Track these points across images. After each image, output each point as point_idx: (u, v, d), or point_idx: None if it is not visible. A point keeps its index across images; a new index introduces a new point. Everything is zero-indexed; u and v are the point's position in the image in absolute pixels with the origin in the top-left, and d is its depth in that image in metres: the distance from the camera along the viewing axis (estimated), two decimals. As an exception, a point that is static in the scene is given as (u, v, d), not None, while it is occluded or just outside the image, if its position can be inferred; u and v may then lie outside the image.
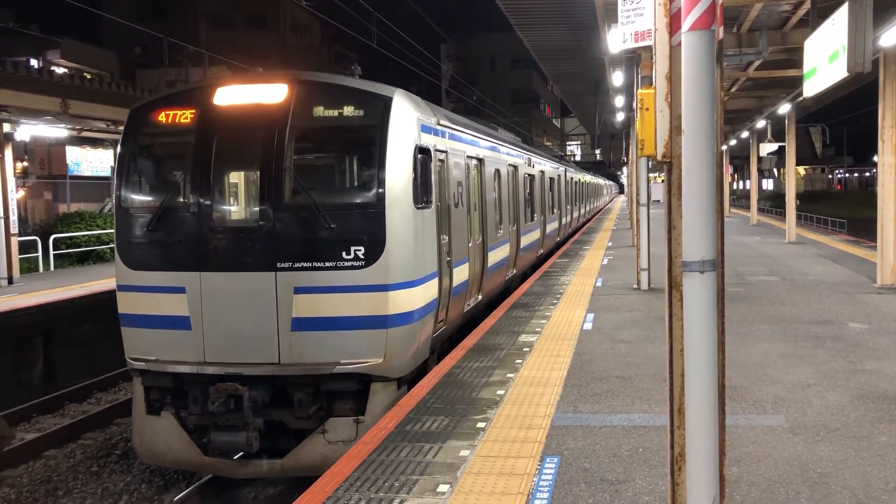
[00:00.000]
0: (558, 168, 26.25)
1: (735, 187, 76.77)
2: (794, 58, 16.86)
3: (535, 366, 8.81)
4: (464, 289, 10.59)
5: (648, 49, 12.47)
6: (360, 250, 7.63)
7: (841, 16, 9.47)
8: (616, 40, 11.45)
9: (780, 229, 29.91)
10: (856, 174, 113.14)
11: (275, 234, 7.77)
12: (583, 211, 38.30)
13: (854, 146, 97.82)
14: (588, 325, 11.21)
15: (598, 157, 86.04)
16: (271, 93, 8.07)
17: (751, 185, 39.34)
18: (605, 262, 20.18)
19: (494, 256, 13.02)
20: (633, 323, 11.40)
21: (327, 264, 7.67)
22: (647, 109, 4.10)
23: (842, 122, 67.22)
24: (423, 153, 8.45)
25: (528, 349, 9.66)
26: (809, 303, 12.87)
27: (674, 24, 3.81)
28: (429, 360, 9.13)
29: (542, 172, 21.05)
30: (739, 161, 63.43)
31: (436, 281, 8.87)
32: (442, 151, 9.61)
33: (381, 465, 5.86)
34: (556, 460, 5.88)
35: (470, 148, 11.50)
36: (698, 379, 3.55)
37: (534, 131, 78.41)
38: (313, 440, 7.69)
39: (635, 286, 15.13)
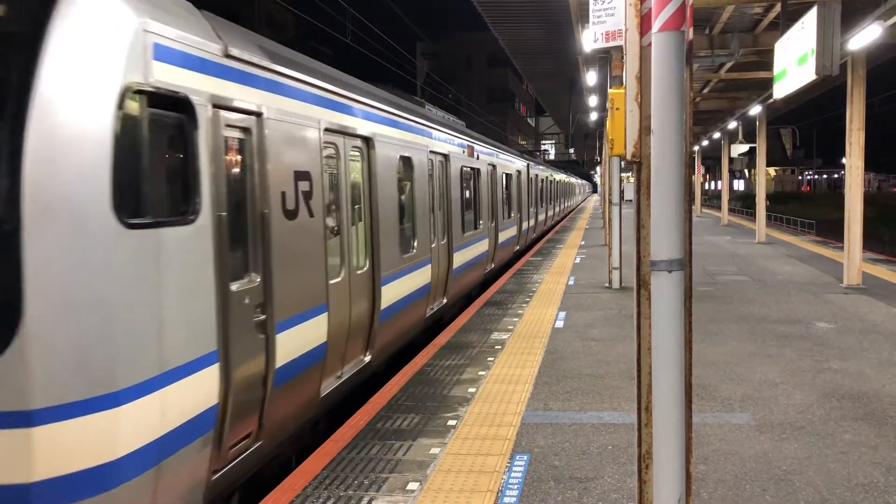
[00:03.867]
0: (518, 163, 22.14)
1: (707, 188, 77.63)
2: (765, 60, 17.10)
3: (506, 363, 8.83)
4: (317, 360, 6.35)
5: (619, 49, 12.53)
6: None
7: (810, 19, 9.59)
8: (588, 40, 11.47)
9: (750, 229, 30.27)
10: (825, 176, 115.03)
11: None
12: (551, 213, 35.25)
13: (823, 148, 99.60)
14: (560, 324, 11.27)
15: (572, 156, 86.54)
16: None
17: (722, 185, 39.76)
18: (578, 260, 20.31)
19: (400, 289, 8.94)
20: (605, 321, 11.48)
21: None
22: (617, 109, 4.11)
23: (812, 124, 68.35)
24: (158, 105, 4.26)
25: (499, 347, 9.69)
26: (778, 302, 13.03)
27: (644, 24, 3.83)
28: None
29: (493, 166, 16.90)
30: (711, 161, 64.20)
31: (212, 371, 4.67)
32: (245, 112, 5.26)
33: (351, 462, 5.83)
34: (525, 458, 5.89)
35: (336, 115, 7.07)
36: (666, 377, 3.56)
37: (509, 129, 78.58)
38: None
39: (607, 285, 15.24)
